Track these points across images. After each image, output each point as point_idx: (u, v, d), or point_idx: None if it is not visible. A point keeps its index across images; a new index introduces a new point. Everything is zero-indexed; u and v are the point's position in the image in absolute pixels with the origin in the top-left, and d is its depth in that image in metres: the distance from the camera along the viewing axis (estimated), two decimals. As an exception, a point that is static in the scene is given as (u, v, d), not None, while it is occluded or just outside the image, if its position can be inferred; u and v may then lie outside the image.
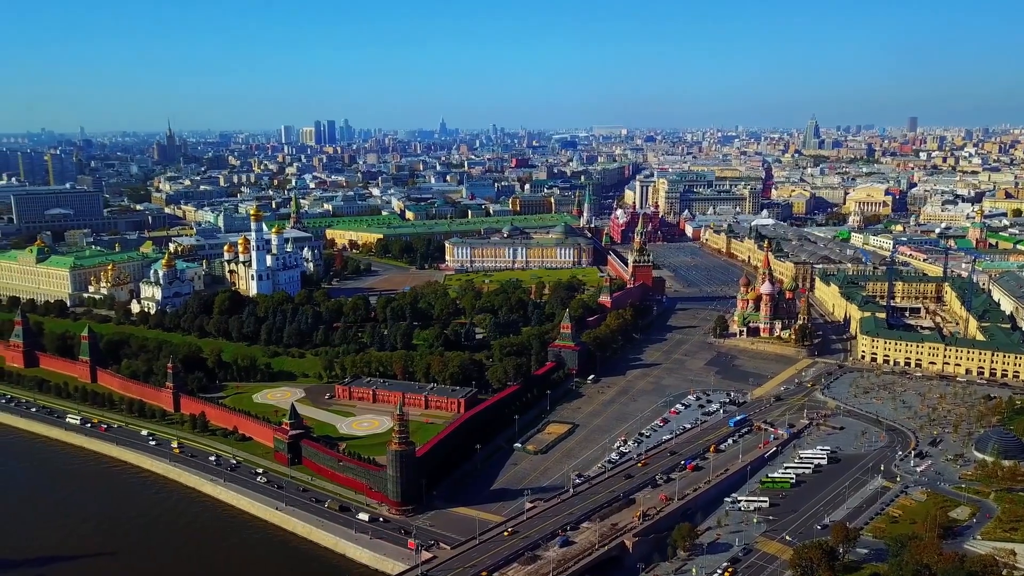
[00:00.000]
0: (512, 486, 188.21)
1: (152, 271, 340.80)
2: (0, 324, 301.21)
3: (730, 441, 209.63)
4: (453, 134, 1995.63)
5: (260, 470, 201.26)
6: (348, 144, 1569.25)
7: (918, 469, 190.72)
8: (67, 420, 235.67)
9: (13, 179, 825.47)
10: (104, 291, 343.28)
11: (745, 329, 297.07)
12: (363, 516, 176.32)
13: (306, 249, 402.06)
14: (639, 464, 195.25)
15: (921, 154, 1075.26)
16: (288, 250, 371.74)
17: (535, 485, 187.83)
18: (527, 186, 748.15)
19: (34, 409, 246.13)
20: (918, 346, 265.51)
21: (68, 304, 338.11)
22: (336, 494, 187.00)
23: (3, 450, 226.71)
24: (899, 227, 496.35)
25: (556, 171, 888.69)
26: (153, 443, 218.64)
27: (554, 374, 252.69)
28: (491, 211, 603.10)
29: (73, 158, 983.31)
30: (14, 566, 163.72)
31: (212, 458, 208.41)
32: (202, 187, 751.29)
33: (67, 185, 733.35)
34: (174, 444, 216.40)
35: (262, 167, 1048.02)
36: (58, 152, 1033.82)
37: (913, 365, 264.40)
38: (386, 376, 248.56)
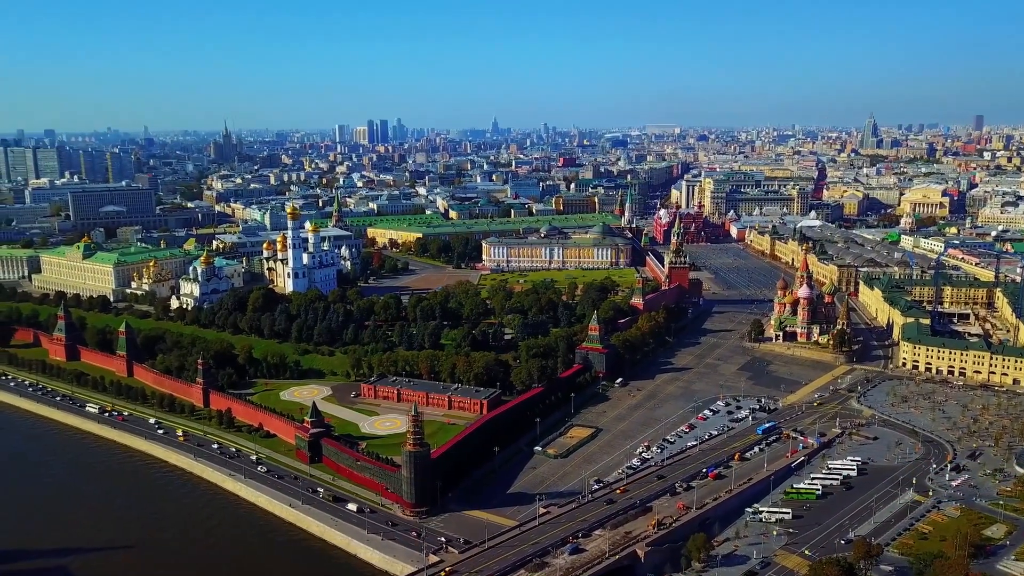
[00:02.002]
0: (529, 490, 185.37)
1: (191, 268, 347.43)
2: (47, 318, 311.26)
3: (756, 449, 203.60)
4: (505, 133, 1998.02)
5: (254, 457, 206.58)
6: (400, 143, 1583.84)
7: (953, 483, 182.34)
8: (86, 409, 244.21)
9: (75, 177, 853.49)
10: (146, 287, 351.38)
11: (781, 333, 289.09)
12: (352, 506, 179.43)
13: (344, 247, 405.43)
14: (618, 491, 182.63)
15: (985, 154, 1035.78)
16: (324, 248, 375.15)
17: (552, 490, 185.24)
18: (572, 185, 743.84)
19: (58, 398, 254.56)
20: (962, 354, 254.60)
21: (111, 299, 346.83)
22: (352, 493, 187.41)
23: (23, 437, 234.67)
24: (953, 229, 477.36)
25: (603, 170, 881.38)
26: (160, 431, 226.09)
27: (580, 377, 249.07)
28: (534, 210, 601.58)
29: (132, 157, 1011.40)
30: (32, 556, 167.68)
31: (215, 446, 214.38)
32: (252, 185, 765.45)
33: (123, 183, 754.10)
34: (179, 432, 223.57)
35: (313, 166, 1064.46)
36: (118, 151, 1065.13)
37: (957, 373, 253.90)
38: (412, 376, 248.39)
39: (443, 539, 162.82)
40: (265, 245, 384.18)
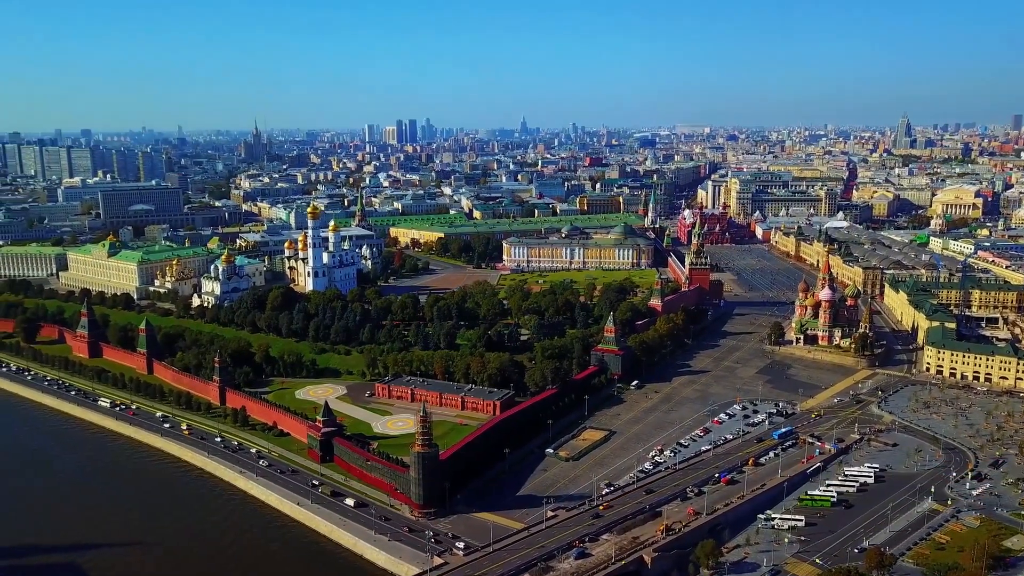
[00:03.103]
0: (539, 493, 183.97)
1: (212, 266, 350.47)
2: (71, 315, 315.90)
3: (772, 454, 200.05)
4: (533, 133, 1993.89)
5: (255, 450, 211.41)
6: (428, 143, 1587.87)
7: (974, 492, 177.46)
8: (99, 403, 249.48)
9: (107, 176, 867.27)
10: (169, 285, 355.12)
11: (802, 337, 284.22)
12: (349, 501, 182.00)
13: (364, 247, 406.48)
14: (601, 508, 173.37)
15: (1022, 154, 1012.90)
16: (345, 248, 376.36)
17: (562, 493, 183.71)
18: (598, 185, 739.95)
19: (73, 392, 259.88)
20: (988, 359, 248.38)
21: (135, 297, 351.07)
22: (360, 491, 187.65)
23: (41, 433, 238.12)
24: (984, 231, 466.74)
25: (629, 170, 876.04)
26: (167, 426, 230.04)
27: (595, 379, 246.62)
28: (558, 210, 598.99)
29: (163, 156, 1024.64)
30: (44, 552, 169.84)
31: (218, 439, 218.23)
32: (279, 184, 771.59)
33: (153, 182, 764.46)
34: (184, 426, 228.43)
35: (341, 165, 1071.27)
36: (149, 151, 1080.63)
37: (982, 379, 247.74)
38: (427, 376, 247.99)
39: (431, 533, 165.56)
40: (287, 244, 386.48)
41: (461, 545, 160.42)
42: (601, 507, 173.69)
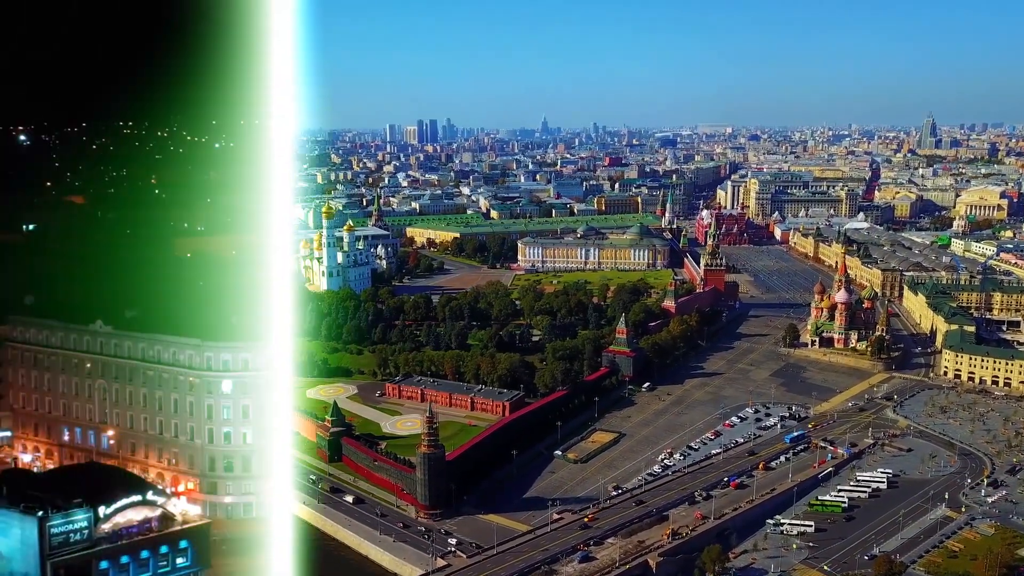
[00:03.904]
0: (546, 495, 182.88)
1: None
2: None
3: (782, 459, 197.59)
4: (554, 133, 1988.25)
5: None
6: (448, 143, 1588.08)
7: (989, 499, 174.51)
8: None
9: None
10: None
11: (818, 339, 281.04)
12: (348, 498, 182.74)
13: (380, 247, 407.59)
14: (586, 519, 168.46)
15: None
16: (359, 247, 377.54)
17: (569, 495, 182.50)
18: (616, 185, 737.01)
19: None
20: (1007, 363, 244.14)
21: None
22: (367, 491, 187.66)
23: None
24: (1008, 232, 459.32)
25: (648, 170, 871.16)
26: None
27: (606, 380, 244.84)
28: (575, 210, 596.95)
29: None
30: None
31: None
32: (299, 184, 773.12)
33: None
34: None
35: (361, 165, 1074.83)
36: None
37: (1001, 384, 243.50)
38: (437, 376, 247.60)
39: (424, 530, 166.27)
40: (302, 243, 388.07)
41: (453, 542, 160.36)
42: (587, 518, 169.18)
